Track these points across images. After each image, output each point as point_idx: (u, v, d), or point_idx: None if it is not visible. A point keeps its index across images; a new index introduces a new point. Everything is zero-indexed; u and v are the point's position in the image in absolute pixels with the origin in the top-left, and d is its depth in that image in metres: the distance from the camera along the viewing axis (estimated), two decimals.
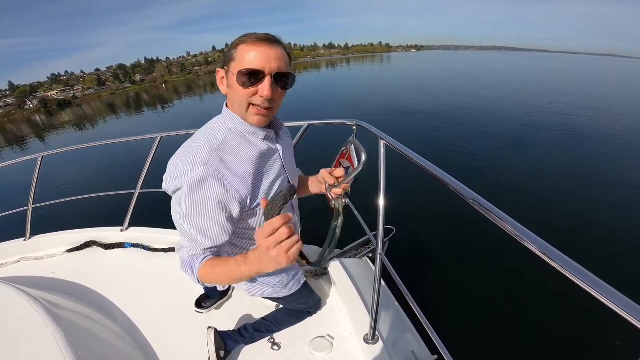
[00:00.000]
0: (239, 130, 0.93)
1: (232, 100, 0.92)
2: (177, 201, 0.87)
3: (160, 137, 2.33)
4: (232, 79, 0.87)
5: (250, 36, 0.85)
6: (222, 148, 0.89)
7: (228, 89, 0.91)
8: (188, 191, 0.84)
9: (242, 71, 0.83)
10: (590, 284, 0.57)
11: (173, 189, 0.87)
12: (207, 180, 0.84)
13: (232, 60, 0.86)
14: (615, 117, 11.88)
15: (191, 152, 0.86)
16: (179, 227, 0.90)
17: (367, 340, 1.36)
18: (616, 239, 4.33)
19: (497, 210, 0.80)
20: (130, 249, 2.35)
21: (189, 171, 0.83)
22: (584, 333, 2.94)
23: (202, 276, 0.89)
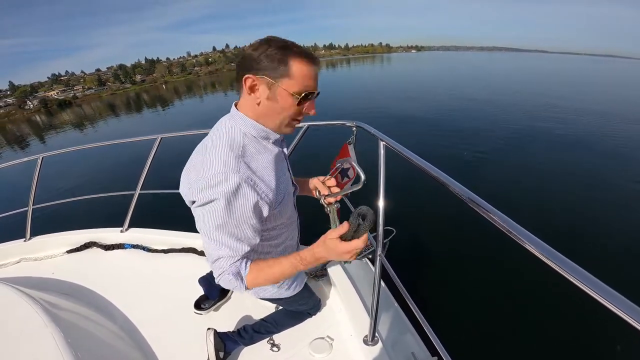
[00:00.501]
0: (253, 135, 0.94)
1: (270, 111, 0.91)
2: (211, 212, 0.85)
3: (160, 138, 2.33)
4: (282, 95, 0.87)
5: (299, 52, 0.85)
6: (245, 154, 0.90)
7: (267, 100, 0.89)
8: (226, 202, 0.84)
9: (304, 93, 0.87)
10: (589, 285, 0.57)
11: (204, 200, 0.85)
12: (242, 188, 0.85)
13: (284, 76, 0.85)
14: (615, 118, 11.89)
15: (220, 161, 0.85)
16: (214, 238, 0.88)
17: (367, 342, 1.37)
18: (616, 240, 4.33)
19: (497, 211, 0.80)
20: (130, 249, 2.35)
21: (224, 181, 0.83)
22: (583, 334, 2.94)
23: (251, 281, 0.92)
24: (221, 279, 0.91)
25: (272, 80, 0.85)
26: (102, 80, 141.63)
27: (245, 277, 0.91)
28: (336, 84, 34.91)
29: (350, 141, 1.80)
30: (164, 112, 29.98)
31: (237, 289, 0.92)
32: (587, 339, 2.91)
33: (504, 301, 3.38)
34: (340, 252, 0.84)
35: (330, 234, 0.86)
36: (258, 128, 0.93)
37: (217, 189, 0.83)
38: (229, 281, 0.91)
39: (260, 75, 0.85)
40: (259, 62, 0.85)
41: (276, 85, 0.86)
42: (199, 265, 2.07)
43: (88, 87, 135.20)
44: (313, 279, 1.85)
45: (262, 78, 0.86)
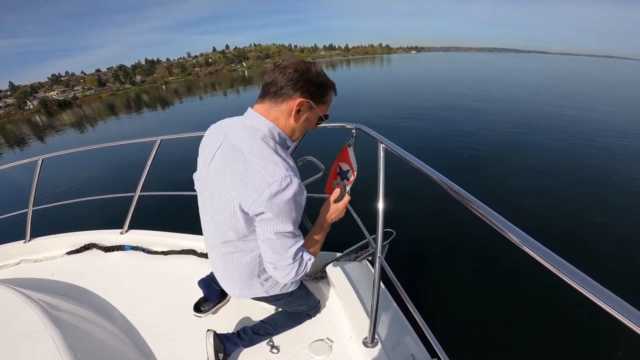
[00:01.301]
0: (277, 141, 1.04)
1: (301, 127, 1.07)
2: (287, 212, 0.95)
3: (160, 140, 2.33)
4: (315, 116, 1.08)
5: (333, 86, 1.07)
6: (284, 158, 1.01)
7: (305, 121, 1.06)
8: (295, 201, 0.95)
9: (326, 116, 1.11)
10: (587, 288, 0.57)
11: (280, 205, 0.93)
12: (302, 187, 0.98)
13: (322, 104, 1.06)
14: (615, 119, 11.90)
15: (280, 165, 0.94)
16: (291, 235, 1.01)
17: (367, 344, 1.37)
18: (616, 242, 4.33)
19: (495, 213, 0.81)
20: (130, 251, 2.35)
21: (292, 183, 0.93)
22: (584, 338, 2.94)
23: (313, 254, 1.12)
24: (300, 268, 1.05)
25: (314, 105, 1.03)
26: (102, 81, 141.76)
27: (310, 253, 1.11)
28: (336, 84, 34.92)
29: (350, 143, 1.80)
30: (164, 113, 29.98)
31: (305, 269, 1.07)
32: (587, 343, 2.91)
33: (503, 303, 3.38)
34: (340, 208, 1.18)
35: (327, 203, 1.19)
36: (282, 136, 1.05)
37: (289, 191, 0.92)
38: (305, 265, 1.07)
39: (308, 100, 1.01)
40: (311, 91, 1.00)
41: (315, 110, 1.05)
42: (199, 267, 2.07)
43: (88, 87, 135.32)
44: (312, 281, 1.86)
45: (309, 103, 1.02)
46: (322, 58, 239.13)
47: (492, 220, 0.80)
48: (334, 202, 1.18)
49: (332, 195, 1.19)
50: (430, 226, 4.85)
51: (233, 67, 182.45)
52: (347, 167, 1.81)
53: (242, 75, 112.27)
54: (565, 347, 2.91)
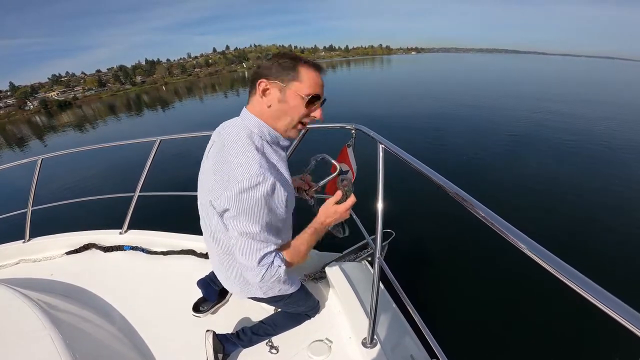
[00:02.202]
0: (267, 139, 1.02)
1: (280, 113, 0.99)
2: (253, 212, 0.90)
3: (160, 141, 2.33)
4: (292, 97, 0.96)
5: (307, 61, 0.97)
6: (268, 157, 0.98)
7: (279, 103, 0.97)
8: (266, 201, 0.91)
9: (313, 95, 0.96)
10: (587, 290, 0.57)
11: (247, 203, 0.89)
12: (277, 186, 0.93)
13: (294, 80, 0.95)
14: (616, 120, 11.90)
15: (253, 163, 0.90)
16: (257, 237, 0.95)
17: (366, 344, 1.36)
18: (616, 244, 4.33)
19: (494, 214, 0.81)
20: (129, 251, 2.35)
21: (263, 182, 0.88)
22: (582, 339, 2.94)
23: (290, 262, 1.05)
24: (267, 275, 0.98)
25: (283, 84, 0.95)
26: (102, 81, 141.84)
27: (286, 260, 1.03)
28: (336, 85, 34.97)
29: (350, 144, 1.80)
30: (164, 113, 30.00)
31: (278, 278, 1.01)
32: (584, 343, 2.91)
33: (502, 303, 3.38)
34: (341, 211, 1.09)
35: (328, 204, 1.10)
36: (272, 134, 1.01)
37: (259, 189, 0.88)
38: (275, 272, 0.99)
39: (272, 80, 0.95)
40: (271, 69, 0.96)
41: (286, 89, 0.95)
42: (198, 267, 2.07)
43: (88, 88, 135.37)
44: (312, 281, 1.85)
45: (274, 83, 0.96)
46: (322, 59, 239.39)
47: (490, 221, 0.80)
48: (334, 204, 1.10)
49: (333, 196, 1.10)
50: (429, 227, 4.85)
51: (233, 68, 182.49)
52: (346, 168, 1.81)
53: (242, 76, 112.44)
54: (564, 348, 2.91)
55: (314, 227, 1.10)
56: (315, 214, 1.20)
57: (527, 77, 37.20)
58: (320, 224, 1.11)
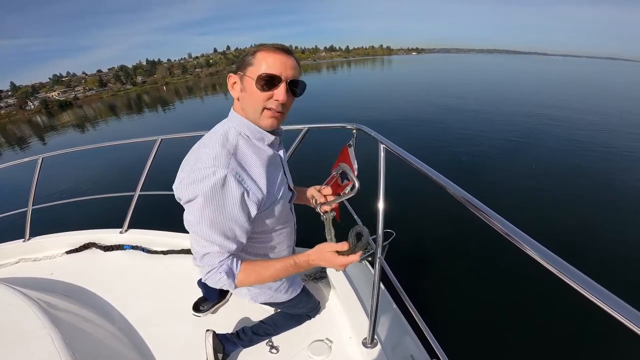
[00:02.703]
0: (248, 135, 0.96)
1: (245, 103, 0.94)
2: (200, 207, 0.85)
3: (160, 140, 2.33)
4: (248, 83, 0.90)
5: (266, 45, 0.90)
6: (236, 152, 0.92)
7: (241, 93, 0.94)
8: (212, 195, 0.84)
9: (262, 75, 0.87)
10: (588, 289, 0.57)
11: (192, 195, 0.85)
12: (229, 182, 0.85)
13: (249, 66, 0.90)
14: (616, 122, 11.90)
15: (209, 156, 0.86)
16: (200, 233, 0.89)
17: (366, 344, 1.36)
18: (616, 243, 4.33)
19: (495, 214, 0.81)
20: (129, 251, 2.35)
21: (211, 175, 0.83)
22: (584, 339, 2.93)
23: (241, 280, 0.94)
24: (209, 276, 0.92)
25: (242, 72, 0.91)
26: (103, 81, 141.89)
27: (236, 275, 0.93)
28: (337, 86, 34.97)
29: (351, 144, 1.80)
30: (165, 113, 30.03)
31: (225, 287, 0.93)
32: (585, 342, 2.91)
33: (503, 304, 3.37)
34: (337, 264, 0.93)
35: (327, 247, 0.94)
36: (252, 128, 0.96)
37: (205, 183, 0.83)
38: (218, 279, 0.92)
39: (238, 72, 0.93)
40: (239, 62, 0.93)
41: (244, 76, 0.91)
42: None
43: (89, 88, 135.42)
44: (312, 281, 1.85)
45: (238, 74, 0.93)
46: (322, 59, 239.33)
47: (492, 221, 0.80)
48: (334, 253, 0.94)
49: (337, 245, 0.94)
50: (430, 227, 4.85)
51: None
52: (347, 167, 1.80)
53: None
54: (565, 347, 2.90)
55: (294, 261, 0.96)
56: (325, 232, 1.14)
57: (528, 78, 37.16)
58: (306, 262, 0.96)
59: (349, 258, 0.92)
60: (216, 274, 0.91)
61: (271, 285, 1.24)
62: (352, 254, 0.93)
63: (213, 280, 0.92)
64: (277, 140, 1.05)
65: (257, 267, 0.97)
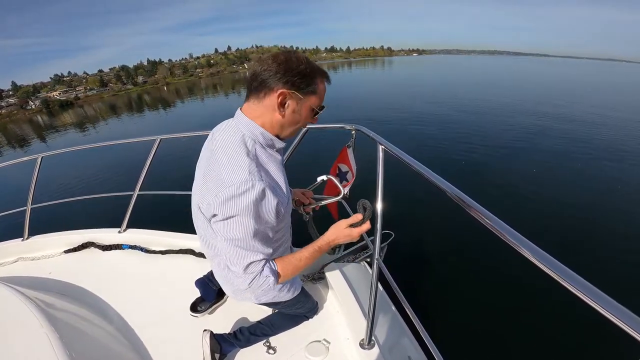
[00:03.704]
0: (261, 142, 0.98)
1: (289, 122, 0.98)
2: (241, 220, 0.88)
3: (160, 140, 2.33)
4: (306, 110, 0.97)
5: (323, 73, 0.97)
6: (259, 162, 0.94)
7: (293, 113, 0.96)
8: (255, 209, 0.88)
9: (321, 107, 1.00)
10: (588, 294, 0.57)
11: (233, 212, 0.87)
12: (268, 195, 0.89)
13: (313, 94, 0.95)
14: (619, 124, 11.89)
15: (243, 169, 0.87)
16: (245, 246, 0.92)
17: (363, 345, 1.36)
18: (616, 246, 4.32)
19: (493, 216, 0.81)
20: (127, 250, 2.35)
21: (251, 189, 0.85)
22: (582, 344, 2.92)
23: (283, 276, 1.02)
24: (254, 283, 0.96)
25: (301, 96, 0.93)
26: (104, 81, 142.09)
27: (276, 276, 1.00)
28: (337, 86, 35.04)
29: (350, 144, 1.80)
30: (165, 113, 30.06)
31: (270, 288, 1.00)
32: (584, 348, 2.90)
33: (501, 306, 3.37)
34: (355, 235, 1.08)
35: (343, 224, 1.08)
36: (266, 136, 0.98)
37: (246, 197, 0.85)
38: (264, 282, 0.97)
39: (292, 91, 0.92)
40: (288, 77, 0.90)
41: (303, 101, 0.95)
42: (197, 266, 2.06)
43: (90, 87, 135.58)
44: (310, 282, 1.85)
45: (294, 94, 0.92)
46: (323, 60, 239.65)
47: (490, 223, 0.80)
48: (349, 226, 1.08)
49: (350, 218, 1.08)
50: (428, 228, 4.85)
51: (234, 69, 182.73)
52: (346, 168, 1.81)
53: (244, 77, 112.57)
54: (563, 352, 2.89)
55: (317, 246, 1.08)
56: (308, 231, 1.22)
57: (529, 79, 37.13)
58: (326, 244, 1.08)
59: (363, 227, 1.07)
60: (259, 278, 0.96)
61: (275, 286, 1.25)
62: (363, 224, 1.07)
63: (257, 285, 0.97)
64: (283, 146, 1.09)
65: (292, 260, 1.04)
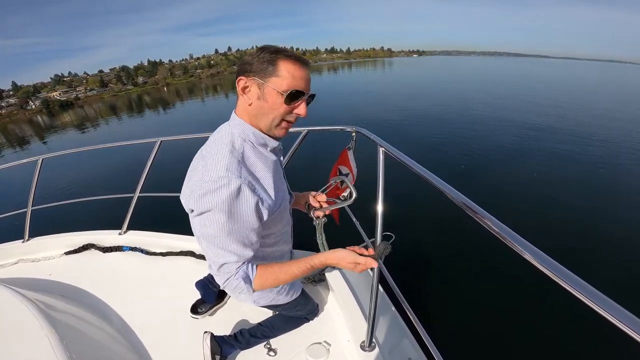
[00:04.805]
0: (252, 141, 0.97)
1: (261, 112, 0.93)
2: (216, 218, 0.86)
3: (160, 142, 2.34)
4: (270, 94, 0.89)
5: (288, 55, 0.89)
6: (245, 160, 0.92)
7: (258, 100, 0.92)
8: (229, 206, 0.85)
9: (292, 91, 0.89)
10: (589, 296, 0.57)
11: (207, 207, 0.86)
12: (244, 192, 0.87)
13: (272, 75, 0.88)
14: (617, 124, 11.89)
15: (221, 166, 0.86)
16: (218, 244, 0.90)
17: (364, 347, 1.36)
18: (616, 248, 4.32)
19: (494, 219, 0.81)
20: (128, 252, 2.35)
21: (226, 185, 0.84)
22: (583, 346, 2.92)
23: (259, 284, 0.96)
24: (228, 284, 0.94)
25: (261, 80, 0.89)
26: (104, 82, 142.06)
27: (253, 280, 0.95)
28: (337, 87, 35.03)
29: (350, 146, 1.80)
30: (166, 114, 30.08)
31: (243, 292, 0.95)
32: (585, 349, 2.89)
33: (501, 308, 3.37)
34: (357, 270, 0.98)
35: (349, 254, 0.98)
36: (257, 135, 0.96)
37: (220, 194, 0.84)
38: (237, 286, 0.93)
39: (252, 77, 0.90)
40: (251, 65, 0.90)
41: (265, 85, 0.89)
42: (197, 268, 2.06)
43: (90, 88, 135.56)
44: (311, 284, 1.85)
45: (253, 79, 0.90)
46: (323, 61, 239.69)
47: (491, 225, 0.80)
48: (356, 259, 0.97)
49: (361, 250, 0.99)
50: (429, 230, 4.85)
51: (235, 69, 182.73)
52: (346, 170, 1.81)
53: None
54: (564, 355, 2.89)
55: (311, 264, 0.98)
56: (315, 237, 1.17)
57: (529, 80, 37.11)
58: (321, 264, 0.99)
59: (368, 263, 0.98)
60: (233, 280, 0.93)
61: (272, 288, 1.25)
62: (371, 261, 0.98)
63: (231, 287, 0.95)
64: (279, 146, 1.07)
65: (276, 271, 0.98)
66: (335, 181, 1.36)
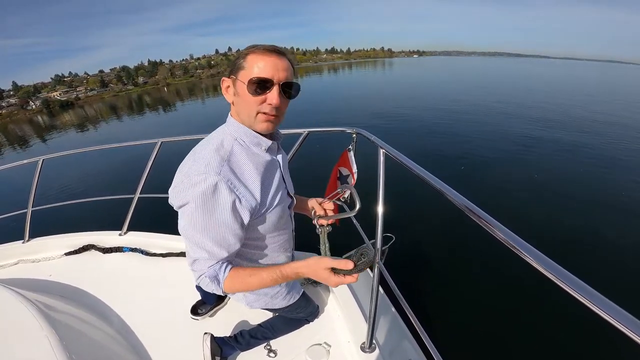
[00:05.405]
0: (244, 140, 0.96)
1: (239, 108, 0.94)
2: (190, 213, 0.86)
3: (160, 143, 2.34)
4: (240, 87, 0.89)
5: (258, 47, 0.88)
6: (230, 158, 0.91)
7: (235, 97, 0.93)
8: (202, 202, 0.84)
9: (253, 79, 0.86)
10: (588, 298, 0.57)
11: (184, 200, 0.87)
12: (219, 189, 0.85)
13: (240, 69, 0.88)
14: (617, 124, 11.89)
15: (202, 162, 0.86)
16: (191, 239, 0.89)
17: (364, 349, 1.36)
18: (617, 250, 4.32)
19: (494, 220, 0.81)
20: (128, 253, 2.35)
21: (202, 182, 0.83)
22: (583, 347, 2.92)
23: (229, 287, 0.92)
24: (200, 281, 0.93)
25: (234, 76, 0.90)
26: (104, 82, 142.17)
27: (222, 282, 0.92)
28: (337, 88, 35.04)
29: (350, 148, 1.81)
30: (166, 114, 30.09)
31: (215, 292, 0.94)
32: (585, 350, 2.89)
33: (502, 310, 3.36)
34: (331, 283, 0.89)
35: (324, 264, 0.88)
36: (249, 133, 0.96)
37: (196, 189, 0.84)
38: (207, 284, 0.92)
39: (231, 76, 0.92)
40: (232, 64, 0.92)
41: (236, 80, 0.90)
42: None
43: (91, 88, 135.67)
44: (311, 285, 1.85)
45: (231, 77, 0.92)
46: (323, 61, 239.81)
47: (492, 227, 0.80)
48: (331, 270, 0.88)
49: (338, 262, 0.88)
50: (429, 232, 4.84)
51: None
52: (347, 172, 1.81)
53: None
54: (565, 355, 2.89)
55: (282, 273, 0.92)
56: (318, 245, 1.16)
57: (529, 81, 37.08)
58: (295, 274, 0.92)
59: (346, 279, 0.89)
60: (204, 279, 0.92)
61: (267, 292, 1.25)
62: (348, 275, 0.88)
63: (203, 285, 0.93)
64: (275, 145, 1.05)
65: (245, 275, 0.93)
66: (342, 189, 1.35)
